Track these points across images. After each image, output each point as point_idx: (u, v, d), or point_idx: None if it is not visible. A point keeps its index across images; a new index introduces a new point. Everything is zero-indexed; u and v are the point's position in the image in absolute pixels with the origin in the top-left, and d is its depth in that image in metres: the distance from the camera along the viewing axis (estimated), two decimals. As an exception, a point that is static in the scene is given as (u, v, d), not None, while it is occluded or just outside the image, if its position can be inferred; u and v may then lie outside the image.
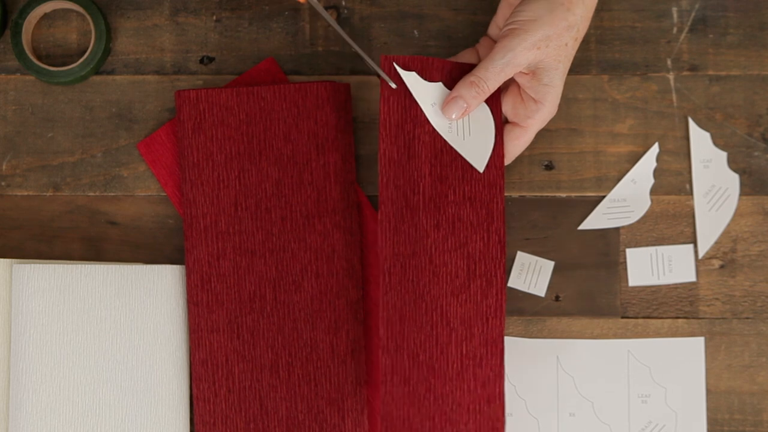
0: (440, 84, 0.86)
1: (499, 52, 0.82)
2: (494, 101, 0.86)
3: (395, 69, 0.85)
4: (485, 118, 0.86)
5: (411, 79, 0.85)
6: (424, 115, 0.85)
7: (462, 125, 0.86)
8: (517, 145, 0.87)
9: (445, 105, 0.85)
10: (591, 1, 0.84)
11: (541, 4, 0.82)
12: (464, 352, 0.85)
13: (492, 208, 0.86)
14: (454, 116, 0.85)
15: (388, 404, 0.84)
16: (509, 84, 0.87)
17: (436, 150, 0.86)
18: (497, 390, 0.85)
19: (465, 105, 0.84)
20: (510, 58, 0.82)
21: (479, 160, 0.86)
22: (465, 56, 0.88)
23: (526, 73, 0.84)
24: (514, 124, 0.87)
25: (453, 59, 0.88)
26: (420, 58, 0.85)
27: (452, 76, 0.86)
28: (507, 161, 0.88)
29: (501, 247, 0.86)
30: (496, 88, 0.85)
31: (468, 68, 0.86)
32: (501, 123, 0.87)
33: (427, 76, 0.85)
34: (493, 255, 0.86)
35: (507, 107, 0.87)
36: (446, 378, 0.85)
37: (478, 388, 0.85)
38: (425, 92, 0.85)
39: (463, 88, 0.84)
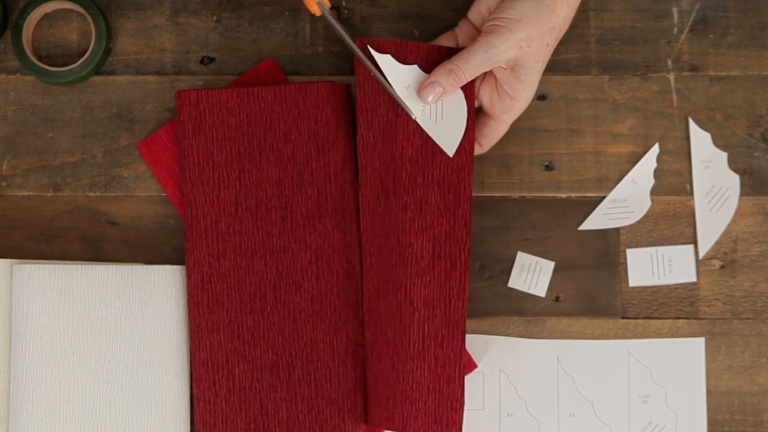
0: (415, 67, 0.86)
1: (481, 47, 0.83)
2: (468, 86, 0.87)
3: (369, 52, 0.85)
4: (458, 102, 0.87)
5: (385, 62, 0.85)
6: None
7: (435, 109, 0.87)
8: (493, 137, 0.89)
9: (421, 89, 0.85)
10: (574, 2, 0.84)
11: (528, 3, 0.83)
12: (426, 332, 0.86)
13: (459, 192, 0.87)
14: (429, 100, 0.85)
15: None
16: (487, 74, 0.87)
17: (409, 133, 0.86)
18: (457, 371, 0.86)
19: (441, 90, 0.85)
20: (491, 55, 0.83)
21: (450, 145, 0.87)
22: (443, 39, 0.89)
23: (505, 69, 0.85)
24: (490, 116, 0.87)
25: (431, 43, 0.89)
26: (395, 42, 0.86)
27: (428, 59, 0.87)
28: (482, 150, 0.89)
29: (467, 230, 0.86)
30: (472, 79, 0.85)
31: (444, 51, 0.87)
32: (474, 108, 0.87)
33: (402, 58, 0.86)
34: (458, 238, 0.86)
35: (484, 99, 0.87)
36: (407, 356, 0.86)
37: (438, 368, 0.86)
38: (400, 75, 0.86)
39: (441, 75, 0.85)
